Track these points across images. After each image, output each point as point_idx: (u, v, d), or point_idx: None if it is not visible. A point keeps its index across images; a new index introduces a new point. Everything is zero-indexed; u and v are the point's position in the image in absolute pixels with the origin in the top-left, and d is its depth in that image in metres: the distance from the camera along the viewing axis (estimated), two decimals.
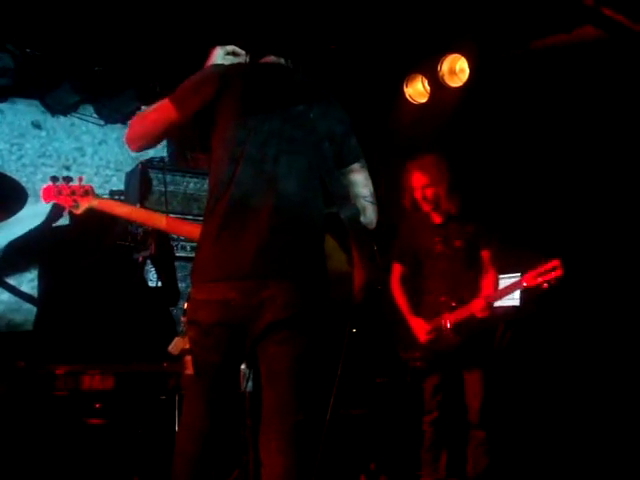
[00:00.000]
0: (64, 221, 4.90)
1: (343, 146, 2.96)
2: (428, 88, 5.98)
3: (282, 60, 3.01)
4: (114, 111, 6.16)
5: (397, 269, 4.85)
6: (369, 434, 5.28)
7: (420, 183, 4.62)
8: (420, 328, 4.61)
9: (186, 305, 2.91)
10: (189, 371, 2.76)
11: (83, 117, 6.35)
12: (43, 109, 6.22)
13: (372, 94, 6.13)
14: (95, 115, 6.34)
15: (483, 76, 5.58)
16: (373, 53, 5.81)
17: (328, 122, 2.93)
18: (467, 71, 5.67)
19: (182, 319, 3.01)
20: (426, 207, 4.65)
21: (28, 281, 5.51)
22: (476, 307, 4.42)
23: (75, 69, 5.90)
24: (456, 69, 5.78)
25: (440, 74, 5.81)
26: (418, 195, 4.64)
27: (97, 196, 3.40)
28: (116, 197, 5.12)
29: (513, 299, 5.24)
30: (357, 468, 5.11)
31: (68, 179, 3.42)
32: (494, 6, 5.18)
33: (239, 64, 2.98)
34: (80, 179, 3.39)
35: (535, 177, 5.48)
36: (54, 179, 3.43)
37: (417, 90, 6.08)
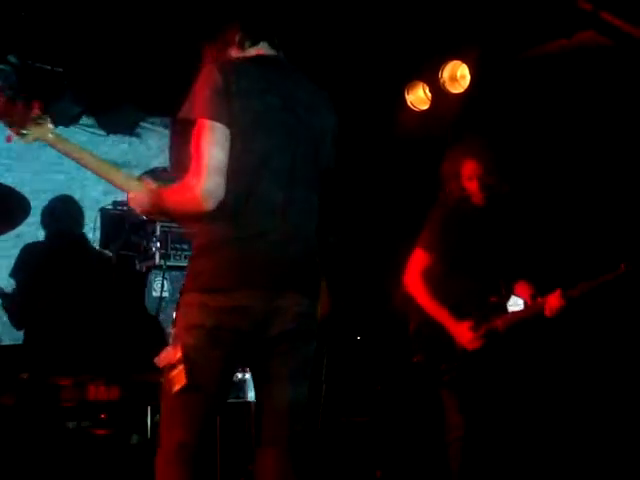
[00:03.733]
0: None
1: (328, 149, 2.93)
2: (429, 95, 5.98)
3: (275, 52, 2.89)
4: (116, 122, 6.18)
5: (422, 258, 4.21)
6: (375, 441, 5.27)
7: (477, 172, 4.21)
8: (466, 334, 4.07)
9: (175, 314, 2.76)
10: (178, 386, 2.56)
11: (85, 128, 6.37)
12: None
13: (374, 101, 6.13)
14: (97, 126, 6.37)
15: (485, 82, 5.58)
16: (374, 60, 5.81)
17: (324, 121, 2.89)
18: (468, 77, 5.67)
19: (171, 330, 2.76)
20: (480, 196, 4.23)
21: None
22: (551, 305, 4.00)
23: (77, 80, 5.93)
24: (457, 75, 5.79)
25: (441, 81, 5.81)
26: (473, 185, 4.23)
27: (54, 131, 2.79)
28: (119, 208, 5.13)
29: (517, 305, 5.19)
30: (363, 476, 5.10)
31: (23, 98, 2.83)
32: (494, 12, 5.19)
33: (243, 60, 2.80)
34: (36, 105, 2.78)
35: (538, 183, 5.47)
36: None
37: (418, 97, 6.09)
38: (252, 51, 2.82)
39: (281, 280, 2.63)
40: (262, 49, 2.84)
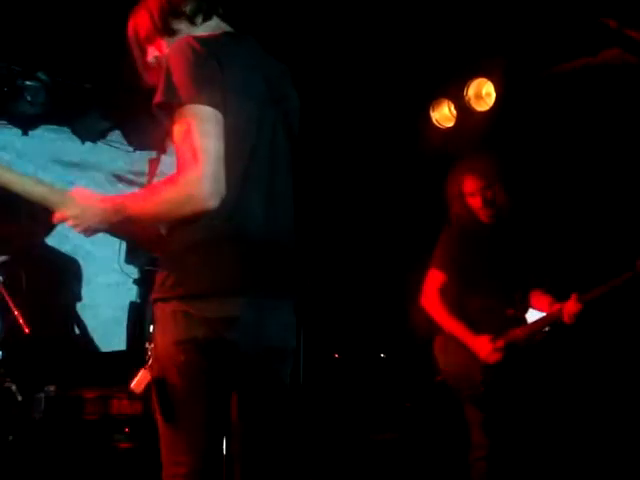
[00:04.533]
0: None
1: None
2: (454, 112, 5.99)
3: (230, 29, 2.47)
4: (144, 137, 6.22)
5: (437, 277, 4.22)
6: (401, 459, 5.25)
7: (477, 187, 4.23)
8: (485, 347, 4.06)
9: (153, 328, 2.34)
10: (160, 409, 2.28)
11: (112, 144, 6.44)
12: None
13: (399, 119, 6.15)
14: (125, 142, 6.43)
15: (510, 100, 5.58)
16: (399, 78, 5.84)
17: (293, 102, 2.53)
18: (494, 95, 5.67)
19: (147, 346, 2.34)
20: (485, 213, 4.24)
21: None
22: (568, 311, 3.97)
23: (104, 97, 5.99)
24: (482, 93, 5.79)
25: (466, 98, 5.82)
26: (475, 201, 4.25)
27: None
28: None
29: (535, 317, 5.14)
30: None
31: None
32: (519, 29, 5.20)
33: (216, 36, 2.37)
34: None
35: (565, 200, 5.46)
36: None
37: (443, 115, 6.09)
38: (208, 29, 2.40)
39: (272, 285, 2.35)
40: (217, 25, 2.44)
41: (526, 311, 4.21)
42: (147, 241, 2.51)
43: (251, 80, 2.32)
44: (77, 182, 6.06)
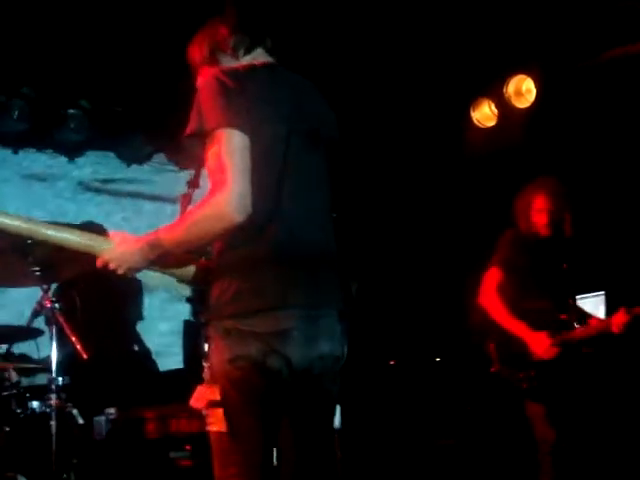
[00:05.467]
0: None
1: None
2: (495, 111, 5.95)
3: (268, 57, 2.60)
4: (186, 157, 6.28)
5: (496, 275, 4.48)
6: (466, 463, 5.21)
7: (547, 206, 4.46)
8: (543, 343, 4.28)
9: (208, 347, 2.39)
10: (219, 427, 2.32)
11: (156, 166, 6.52)
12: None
13: (439, 121, 6.13)
14: (169, 163, 6.50)
15: (551, 94, 5.53)
16: (437, 80, 5.82)
17: (332, 129, 2.63)
18: (534, 91, 5.63)
19: (204, 364, 2.40)
20: (545, 231, 4.47)
21: None
22: (617, 322, 4.21)
23: (147, 121, 6.07)
24: (522, 90, 5.75)
25: (506, 96, 5.78)
26: (541, 219, 4.47)
27: None
28: None
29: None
30: None
31: None
32: (556, 22, 5.15)
33: (248, 65, 2.51)
34: None
35: (613, 194, 5.39)
36: None
37: (484, 114, 6.06)
38: (248, 59, 2.56)
39: (320, 297, 2.42)
40: (259, 57, 2.58)
41: (578, 318, 4.41)
42: (191, 276, 2.55)
43: (279, 104, 2.43)
44: (42, 193, 6.08)
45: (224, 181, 2.24)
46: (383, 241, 6.30)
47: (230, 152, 2.27)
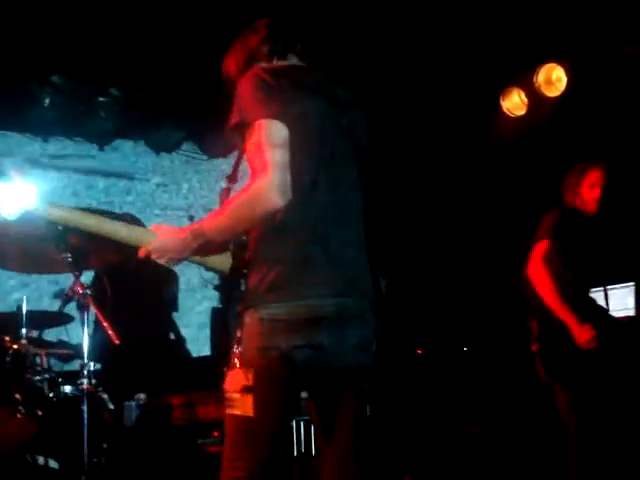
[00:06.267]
0: None
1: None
2: (525, 100, 5.91)
3: (301, 62, 2.71)
4: (216, 145, 6.31)
5: (547, 246, 4.28)
6: (485, 454, 5.21)
7: (601, 181, 4.41)
8: (587, 334, 4.12)
9: (240, 333, 2.46)
10: (246, 411, 2.38)
11: (187, 153, 6.55)
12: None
13: (469, 111, 6.11)
14: (198, 151, 6.53)
15: (582, 83, 5.48)
16: (467, 69, 5.79)
17: (362, 125, 2.70)
18: (564, 79, 5.58)
19: (235, 350, 2.46)
20: (593, 206, 4.41)
21: None
22: None
23: (177, 108, 6.10)
24: (552, 78, 5.70)
25: (536, 85, 5.74)
26: (593, 194, 4.41)
27: (42, 200, 2.42)
28: None
29: (627, 308, 5.07)
30: None
31: None
32: (587, 10, 5.11)
33: (283, 66, 2.64)
34: (18, 174, 2.43)
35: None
36: None
37: (514, 103, 6.02)
38: (282, 62, 2.68)
39: (353, 287, 2.48)
40: (290, 61, 2.69)
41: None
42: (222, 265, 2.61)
43: (314, 102, 2.51)
44: None
45: (264, 167, 2.33)
46: (412, 230, 6.30)
47: (270, 141, 2.36)
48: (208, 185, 6.67)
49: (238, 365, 2.43)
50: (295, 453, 4.24)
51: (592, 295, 4.43)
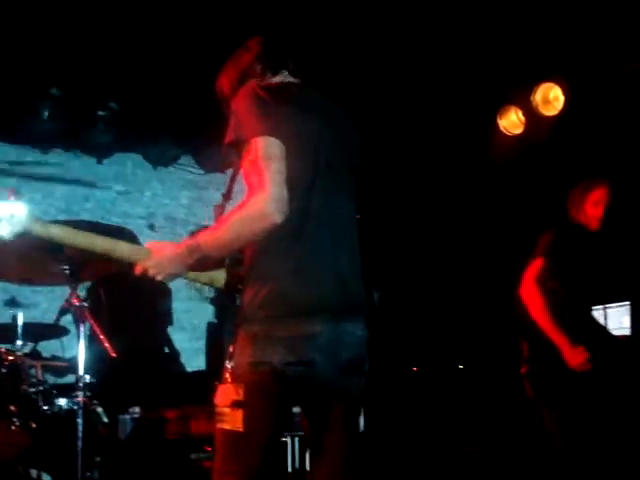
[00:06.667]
0: None
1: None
2: (523, 119, 5.93)
3: (294, 79, 2.74)
4: (213, 160, 6.32)
5: (541, 265, 4.25)
6: (482, 472, 5.20)
7: (605, 200, 4.40)
8: (579, 357, 4.06)
9: (233, 348, 2.47)
10: (236, 426, 2.39)
11: (184, 168, 6.56)
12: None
13: (466, 130, 6.13)
14: (196, 165, 6.54)
15: (579, 102, 5.51)
16: (464, 87, 5.82)
17: (355, 139, 2.72)
18: (561, 99, 5.61)
19: (227, 364, 2.47)
20: (595, 224, 4.38)
21: None
22: None
23: (174, 123, 6.11)
24: (550, 97, 5.73)
25: (534, 104, 5.76)
26: (597, 212, 4.39)
27: (36, 218, 2.45)
28: None
29: (622, 328, 5.07)
30: None
31: None
32: (584, 30, 5.14)
33: (278, 83, 2.66)
34: (12, 193, 2.44)
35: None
36: None
37: (511, 122, 6.04)
38: (276, 79, 2.69)
39: (346, 303, 2.49)
40: (285, 78, 2.71)
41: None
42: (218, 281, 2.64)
43: (308, 118, 2.52)
44: None
45: (262, 184, 2.34)
46: (407, 248, 6.31)
47: (267, 158, 2.37)
48: (171, 193, 6.58)
49: (229, 380, 2.43)
50: (289, 469, 4.23)
51: (593, 314, 4.39)
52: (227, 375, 2.44)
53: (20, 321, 4.08)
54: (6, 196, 2.42)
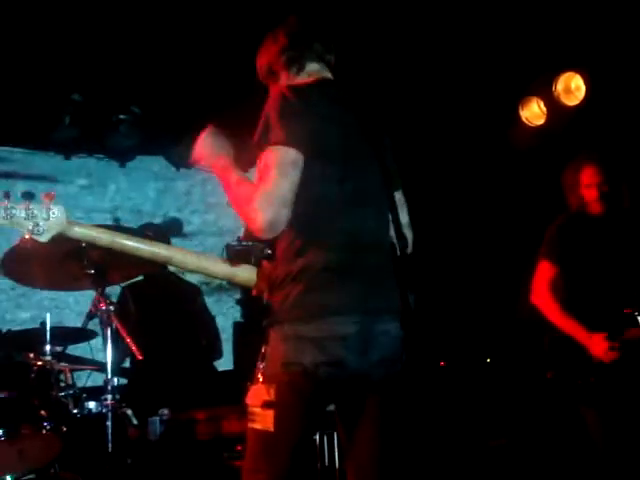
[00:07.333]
0: None
1: (392, 166, 2.73)
2: (544, 109, 5.89)
3: (328, 74, 2.77)
4: (239, 159, 6.33)
5: (548, 270, 4.15)
6: (511, 466, 5.17)
7: (595, 180, 4.14)
8: (601, 345, 3.91)
9: (265, 349, 2.53)
10: (267, 426, 2.43)
11: (205, 169, 6.57)
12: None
13: (488, 121, 6.10)
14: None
15: (601, 91, 5.45)
16: (485, 79, 5.79)
17: (384, 139, 2.75)
18: (583, 88, 5.56)
19: (259, 365, 2.55)
20: (598, 207, 4.14)
21: None
22: None
23: (196, 123, 6.12)
24: (572, 87, 5.68)
25: (555, 94, 5.71)
26: (592, 195, 4.14)
27: (72, 220, 2.50)
28: (244, 244, 5.24)
29: None
30: None
31: (28, 195, 2.49)
32: (606, 18, 5.09)
33: (310, 82, 2.69)
34: (49, 196, 2.49)
35: None
36: (6, 195, 2.47)
37: (533, 112, 5.99)
38: (305, 76, 2.72)
39: (377, 303, 2.51)
40: (314, 72, 2.73)
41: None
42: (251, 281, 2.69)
43: (338, 120, 2.57)
44: None
45: (262, 201, 2.38)
46: (434, 241, 6.28)
47: (279, 172, 2.42)
48: (137, 186, 6.55)
49: (261, 380, 2.48)
50: (319, 466, 4.23)
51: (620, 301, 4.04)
52: (259, 375, 2.51)
53: (48, 325, 4.11)
54: (41, 200, 2.48)
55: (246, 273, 2.62)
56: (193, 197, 6.66)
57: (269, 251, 2.54)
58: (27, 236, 2.44)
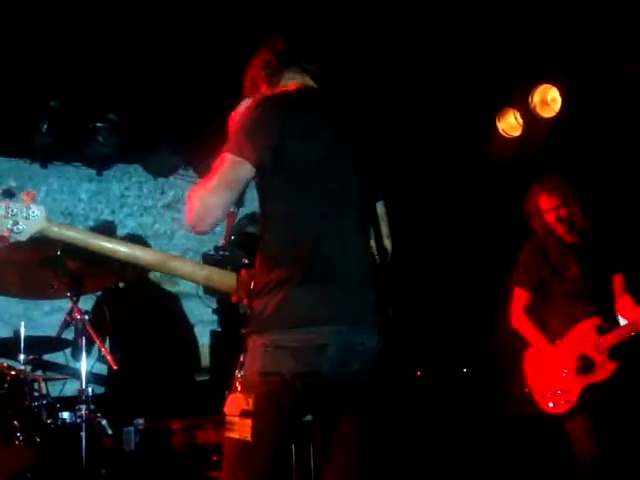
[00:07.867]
0: None
1: (375, 179, 2.75)
2: (521, 121, 5.93)
3: (310, 82, 2.78)
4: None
5: (521, 296, 4.45)
6: (484, 477, 5.18)
7: (551, 205, 4.35)
8: (564, 358, 4.20)
9: (243, 357, 2.51)
10: (244, 435, 2.42)
11: (185, 178, 6.55)
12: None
13: (464, 132, 6.12)
14: (196, 175, 6.54)
15: (577, 103, 5.50)
16: (462, 90, 5.82)
17: (365, 150, 2.75)
18: (559, 100, 5.61)
19: (237, 374, 2.50)
20: (560, 229, 4.34)
21: None
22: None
23: (174, 132, 6.12)
24: (548, 99, 5.73)
25: (532, 106, 5.76)
26: (550, 217, 4.35)
27: (51, 220, 2.50)
28: (221, 253, 5.21)
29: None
30: None
31: (8, 193, 2.49)
32: (581, 31, 5.14)
33: (291, 91, 2.71)
34: (29, 195, 2.47)
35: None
36: None
37: (510, 124, 6.04)
38: (285, 84, 2.74)
39: (356, 314, 2.51)
40: (296, 81, 2.75)
41: (614, 322, 4.24)
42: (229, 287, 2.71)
43: (318, 127, 2.58)
44: None
45: (211, 190, 2.45)
46: (411, 252, 6.29)
47: (227, 178, 2.47)
48: (69, 189, 6.40)
49: (239, 389, 2.46)
50: (294, 476, 4.22)
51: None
52: (237, 384, 2.48)
53: (22, 334, 4.07)
54: (21, 198, 2.45)
55: (225, 279, 2.64)
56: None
57: (246, 260, 2.56)
58: (6, 234, 2.42)
